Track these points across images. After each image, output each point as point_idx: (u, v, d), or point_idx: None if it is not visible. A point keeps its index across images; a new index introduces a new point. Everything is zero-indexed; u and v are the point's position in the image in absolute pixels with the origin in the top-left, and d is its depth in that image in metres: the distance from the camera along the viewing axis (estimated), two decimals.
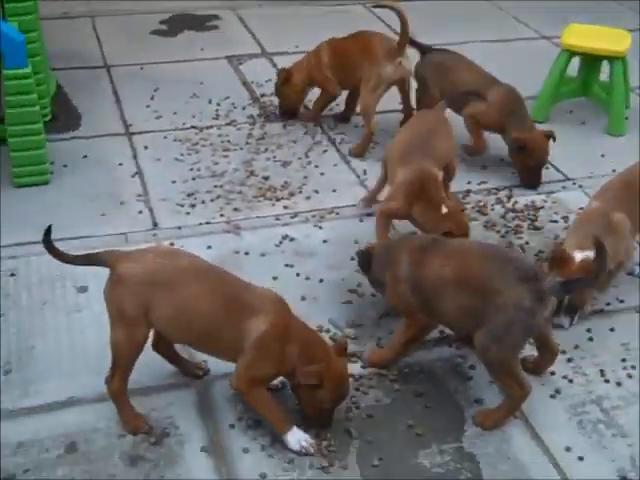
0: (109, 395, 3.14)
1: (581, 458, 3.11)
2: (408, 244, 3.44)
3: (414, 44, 5.17)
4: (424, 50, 5.21)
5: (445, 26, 7.07)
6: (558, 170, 4.98)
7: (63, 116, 5.28)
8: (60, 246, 3.97)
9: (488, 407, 3.29)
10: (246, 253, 4.13)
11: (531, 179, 4.76)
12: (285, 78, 5.26)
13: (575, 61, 5.58)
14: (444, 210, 3.84)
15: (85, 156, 4.88)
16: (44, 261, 3.93)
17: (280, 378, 3.18)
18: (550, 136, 4.72)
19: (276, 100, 5.58)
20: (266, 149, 5.07)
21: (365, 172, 4.87)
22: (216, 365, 3.39)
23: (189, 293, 2.98)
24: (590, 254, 3.42)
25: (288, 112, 5.39)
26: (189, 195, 4.56)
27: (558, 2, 7.70)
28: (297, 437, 3.05)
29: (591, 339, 3.69)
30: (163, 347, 3.30)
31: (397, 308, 3.49)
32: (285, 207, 4.51)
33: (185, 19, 7.07)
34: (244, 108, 5.56)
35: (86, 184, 4.58)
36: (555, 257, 3.64)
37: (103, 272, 3.79)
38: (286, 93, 5.33)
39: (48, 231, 3.11)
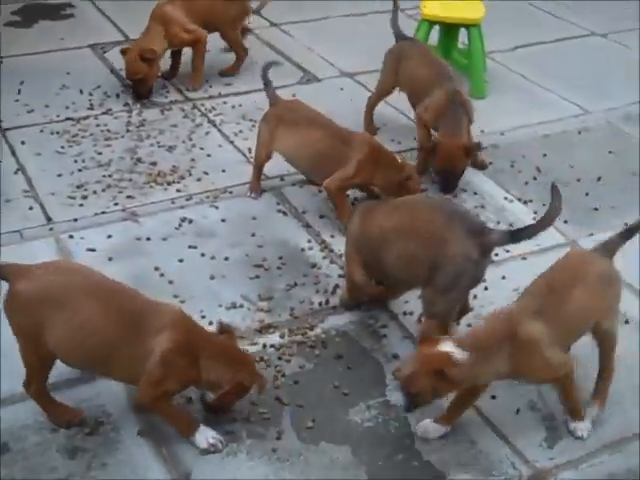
0: (31, 398, 3.10)
1: (494, 397, 3.34)
2: (360, 206, 3.64)
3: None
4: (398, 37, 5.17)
5: (302, 4, 7.20)
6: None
7: None
8: None
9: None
10: (148, 239, 4.14)
11: (441, 184, 4.64)
12: (151, 57, 5.27)
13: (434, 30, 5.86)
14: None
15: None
16: None
17: None
18: (470, 148, 4.56)
19: None
20: (148, 135, 5.06)
21: (250, 150, 4.93)
22: None
23: (83, 312, 2.88)
24: None
25: (149, 91, 5.45)
26: (78, 187, 4.50)
27: None
28: (205, 436, 3.04)
29: (486, 288, 3.93)
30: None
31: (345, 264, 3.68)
32: (178, 190, 4.54)
33: (38, 8, 6.86)
34: (118, 96, 5.50)
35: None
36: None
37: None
38: (151, 72, 5.35)
39: None
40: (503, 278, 3.97)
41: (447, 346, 2.91)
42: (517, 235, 3.29)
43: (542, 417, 3.27)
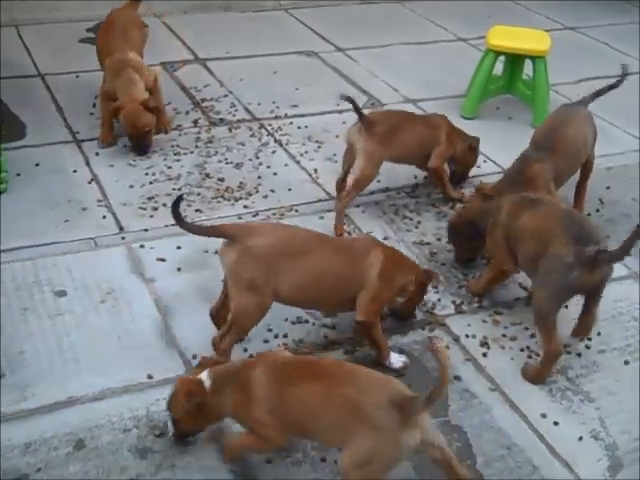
0: (216, 353, 3.36)
1: (556, 423, 3.38)
2: (510, 199, 3.87)
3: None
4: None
5: (366, 30, 7.35)
6: (492, 161, 5.28)
7: (6, 126, 5.23)
8: (27, 254, 4.05)
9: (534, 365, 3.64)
10: (215, 252, 4.19)
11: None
12: (154, 105, 5.05)
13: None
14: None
15: (37, 164, 4.88)
16: (17, 268, 3.98)
17: None
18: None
19: (217, 105, 5.74)
20: (216, 152, 5.18)
21: (316, 170, 5.05)
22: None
23: (313, 257, 3.36)
24: None
25: (152, 141, 5.16)
26: (149, 199, 4.63)
27: (466, 6, 8.12)
28: (396, 358, 3.57)
29: None
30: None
31: (489, 248, 3.97)
32: (245, 207, 4.64)
33: None
34: (187, 113, 5.65)
35: (44, 192, 4.58)
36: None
37: (81, 276, 3.89)
38: (155, 121, 5.09)
39: (177, 201, 3.36)
40: (565, 307, 3.99)
41: (203, 374, 2.96)
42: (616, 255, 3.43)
43: (605, 446, 3.28)
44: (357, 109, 4.43)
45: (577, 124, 4.48)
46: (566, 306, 3.90)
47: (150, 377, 3.42)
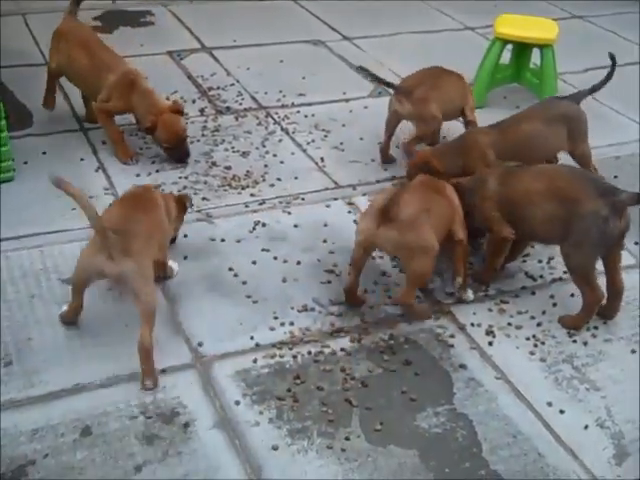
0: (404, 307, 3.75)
1: (562, 411, 3.38)
2: (496, 171, 3.99)
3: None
4: None
5: (373, 19, 7.33)
6: None
7: (13, 114, 5.23)
8: (34, 241, 4.06)
9: (570, 314, 3.83)
10: (222, 240, 4.25)
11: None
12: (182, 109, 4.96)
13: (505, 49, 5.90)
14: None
15: (44, 152, 4.89)
16: (24, 255, 4.00)
17: None
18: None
19: (224, 94, 5.76)
20: (223, 140, 5.18)
21: (322, 159, 5.05)
22: (214, 346, 3.53)
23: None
24: None
25: None
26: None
27: None
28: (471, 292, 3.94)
29: (555, 304, 3.97)
30: None
31: (483, 223, 3.97)
32: (252, 195, 4.64)
33: (118, 15, 7.08)
34: (194, 102, 5.65)
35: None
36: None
37: None
38: None
39: None
40: (572, 296, 3.99)
41: None
42: None
43: (611, 435, 3.28)
44: (387, 84, 4.82)
45: (540, 120, 4.51)
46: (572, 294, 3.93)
47: (157, 364, 3.42)
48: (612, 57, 4.77)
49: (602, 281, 3.79)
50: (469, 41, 7.02)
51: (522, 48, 5.89)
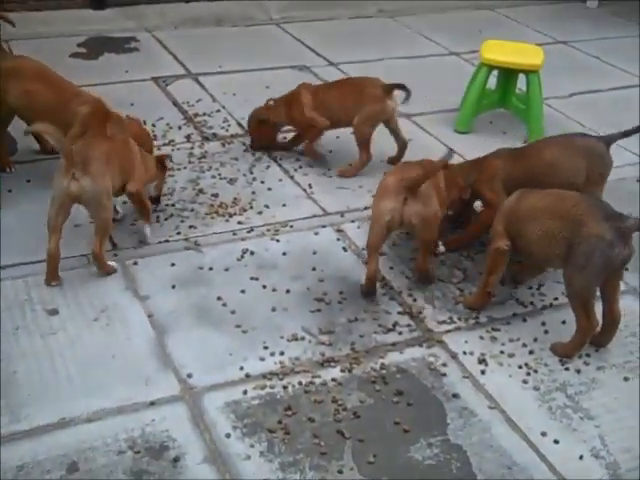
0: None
1: (557, 441, 3.34)
2: (520, 190, 4.00)
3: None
4: None
5: (359, 45, 7.35)
6: None
7: None
8: (19, 271, 4.00)
9: (562, 341, 3.80)
10: (210, 269, 4.19)
11: None
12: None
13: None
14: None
15: (29, 180, 4.83)
16: (9, 286, 3.93)
17: None
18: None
19: (210, 120, 5.73)
20: (210, 167, 5.15)
21: (310, 185, 5.02)
22: (203, 378, 3.48)
23: None
24: None
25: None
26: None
27: (457, 21, 8.15)
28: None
29: (546, 332, 3.95)
30: None
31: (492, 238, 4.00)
32: (239, 222, 4.60)
33: (103, 42, 7.06)
34: (180, 128, 5.61)
35: (36, 208, 4.48)
36: None
37: (73, 294, 3.84)
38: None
39: None
40: (563, 323, 3.97)
41: None
42: None
43: (606, 465, 3.24)
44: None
45: (561, 152, 4.43)
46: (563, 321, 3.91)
47: (145, 397, 3.36)
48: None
49: (598, 308, 3.77)
50: (454, 66, 7.05)
51: (508, 74, 5.91)
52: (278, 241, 4.47)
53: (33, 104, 4.64)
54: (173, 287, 4.04)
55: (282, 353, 3.67)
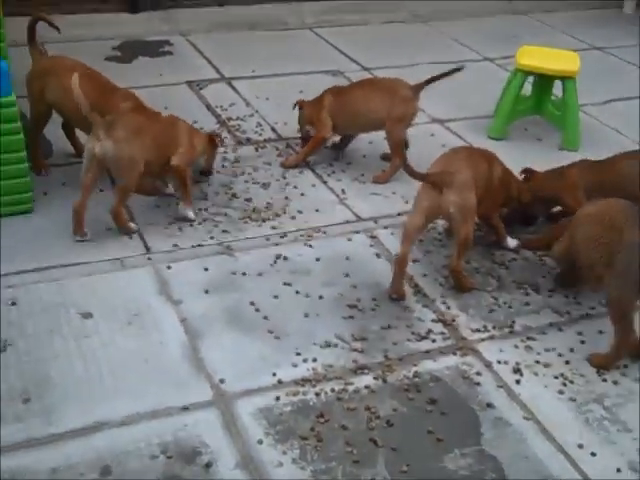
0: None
1: (594, 454, 3.29)
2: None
3: None
4: None
5: (392, 50, 7.32)
6: None
7: None
8: (53, 274, 4.02)
9: (602, 352, 3.75)
10: (243, 274, 4.18)
11: None
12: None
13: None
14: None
15: (64, 183, 4.85)
16: (43, 289, 3.94)
17: None
18: None
19: (243, 124, 5.75)
20: (243, 172, 5.14)
21: (344, 191, 5.00)
22: (236, 383, 3.47)
23: None
24: None
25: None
26: (176, 219, 4.58)
27: (491, 26, 8.09)
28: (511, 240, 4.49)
29: (583, 342, 3.89)
30: None
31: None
32: (273, 227, 4.59)
33: (137, 45, 7.09)
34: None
35: (69, 211, 4.53)
36: None
37: (107, 297, 3.85)
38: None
39: None
40: (600, 333, 3.91)
41: None
42: None
43: None
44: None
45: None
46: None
47: (178, 401, 3.36)
48: None
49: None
50: (488, 72, 7.00)
51: (544, 80, 5.84)
52: (311, 247, 4.45)
53: (73, 100, 4.52)
54: (206, 292, 4.03)
55: (315, 360, 3.65)
